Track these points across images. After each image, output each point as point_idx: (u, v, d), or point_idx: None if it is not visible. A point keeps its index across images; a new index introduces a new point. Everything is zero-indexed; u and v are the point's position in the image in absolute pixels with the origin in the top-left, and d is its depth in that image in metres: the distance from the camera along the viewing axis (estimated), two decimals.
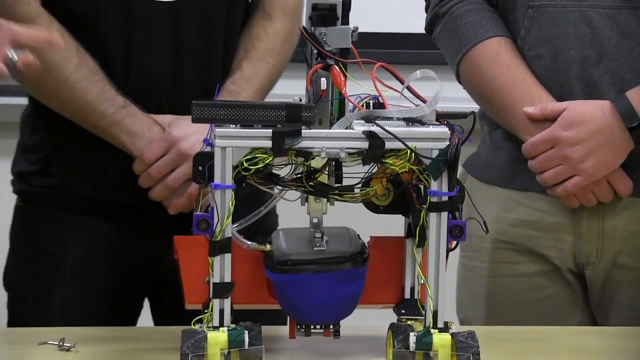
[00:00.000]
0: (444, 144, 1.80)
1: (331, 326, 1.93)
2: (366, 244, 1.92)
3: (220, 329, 1.80)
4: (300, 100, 1.87)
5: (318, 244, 1.89)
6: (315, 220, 1.90)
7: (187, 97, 1.88)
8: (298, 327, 1.94)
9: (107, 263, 2.40)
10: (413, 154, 1.80)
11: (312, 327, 1.93)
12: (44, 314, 2.33)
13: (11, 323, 2.43)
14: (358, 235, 1.95)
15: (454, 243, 1.86)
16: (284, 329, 1.99)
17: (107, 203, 2.39)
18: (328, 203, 1.88)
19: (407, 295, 1.94)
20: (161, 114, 2.33)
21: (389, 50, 1.91)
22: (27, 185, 2.46)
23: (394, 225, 1.94)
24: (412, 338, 1.81)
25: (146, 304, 2.55)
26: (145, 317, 2.54)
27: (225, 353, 1.80)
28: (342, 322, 1.94)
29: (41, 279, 2.41)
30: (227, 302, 1.82)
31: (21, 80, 2.35)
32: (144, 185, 2.31)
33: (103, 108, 2.30)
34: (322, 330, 1.94)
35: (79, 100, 2.31)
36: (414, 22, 2.57)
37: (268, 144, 1.79)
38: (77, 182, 2.40)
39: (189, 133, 2.16)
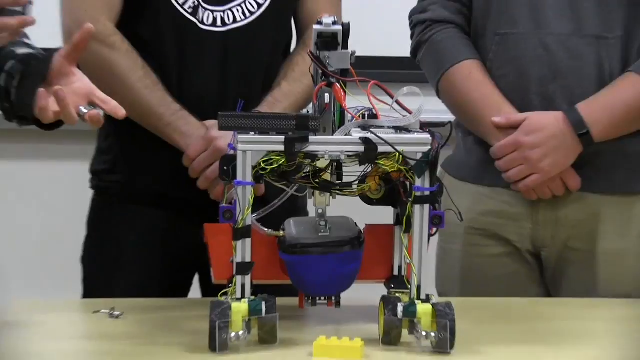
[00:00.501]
0: (426, 148, 1.80)
1: (333, 298, 1.93)
2: (362, 231, 1.91)
3: (242, 300, 1.80)
4: (308, 111, 1.87)
5: (322, 231, 1.89)
6: (320, 210, 1.90)
7: (231, 109, 1.87)
8: (306, 298, 1.94)
9: (161, 246, 2.41)
10: (401, 156, 1.80)
11: (317, 298, 1.93)
12: (109, 287, 2.32)
13: (85, 295, 2.43)
14: (355, 223, 1.94)
15: (435, 230, 1.85)
16: (295, 300, 1.97)
17: (162, 196, 2.39)
18: (331, 197, 1.88)
19: (396, 272, 1.93)
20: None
21: (381, 71, 1.91)
22: (100, 181, 2.47)
23: (385, 215, 1.93)
24: (400, 307, 1.81)
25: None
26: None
27: (246, 320, 1.79)
28: (342, 295, 1.94)
29: (108, 258, 2.42)
30: (247, 278, 1.82)
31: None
32: (192, 177, 2.30)
33: (161, 112, 2.30)
34: (325, 302, 1.93)
35: (141, 105, 2.31)
36: (402, 47, 2.57)
37: (281, 148, 1.78)
38: (139, 178, 2.41)
39: (224, 134, 2.15)
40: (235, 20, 2.36)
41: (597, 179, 2.40)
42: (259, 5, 2.38)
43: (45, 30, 2.10)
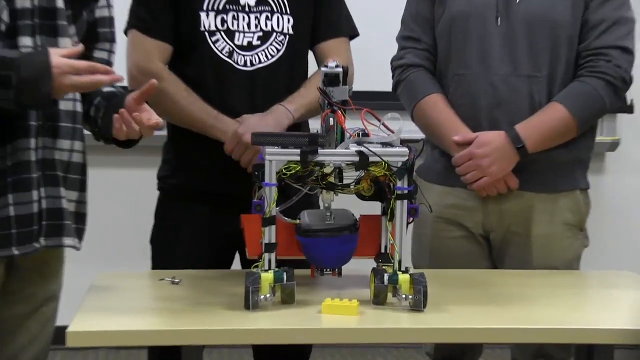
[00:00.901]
0: (405, 158, 1.80)
1: (336, 269, 1.92)
2: (357, 219, 1.90)
3: (269, 271, 1.80)
4: (317, 131, 1.87)
5: (328, 219, 1.88)
6: (326, 204, 1.89)
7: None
8: (316, 270, 1.94)
9: (208, 231, 2.38)
10: (386, 164, 1.80)
11: (324, 270, 1.92)
12: (171, 262, 2.30)
13: (153, 267, 2.41)
14: (352, 214, 1.93)
15: (411, 219, 1.85)
16: (307, 271, 1.96)
17: (208, 194, 2.36)
18: (334, 194, 1.87)
19: (383, 250, 1.91)
20: None
21: (371, 101, 1.91)
22: (164, 184, 2.44)
23: (374, 208, 1.92)
24: (386, 277, 1.80)
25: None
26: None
27: (272, 286, 1.79)
28: (343, 267, 1.93)
29: (170, 240, 2.40)
30: (273, 255, 1.82)
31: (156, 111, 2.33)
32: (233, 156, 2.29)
33: (204, 118, 2.29)
34: (330, 272, 1.92)
35: (188, 116, 2.30)
36: (386, 84, 2.56)
37: (297, 158, 1.79)
38: (191, 181, 2.38)
39: (247, 129, 2.16)
40: (260, 62, 2.34)
41: (531, 180, 2.38)
42: (278, 51, 2.35)
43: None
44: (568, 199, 2.42)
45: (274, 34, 2.35)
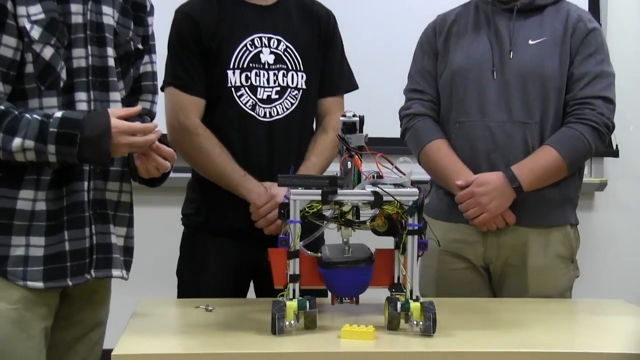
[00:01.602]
0: (415, 198, 1.81)
1: (354, 298, 1.92)
2: (373, 253, 1.90)
3: (293, 299, 1.80)
4: (336, 174, 1.88)
5: (347, 253, 1.88)
6: (345, 239, 1.89)
7: (276, 173, 1.89)
8: (336, 298, 1.93)
9: (231, 263, 2.37)
10: (399, 203, 1.80)
11: (343, 298, 1.92)
12: (195, 291, 2.31)
13: (179, 296, 2.41)
14: (368, 247, 1.93)
15: (421, 252, 1.85)
16: (327, 300, 1.97)
17: (231, 230, 2.36)
18: (352, 230, 1.87)
19: (396, 281, 1.92)
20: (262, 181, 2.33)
21: (385, 147, 1.92)
22: (189, 221, 2.45)
23: (388, 242, 1.93)
24: (399, 305, 1.81)
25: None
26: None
27: (296, 313, 1.79)
28: (360, 296, 1.93)
29: (195, 273, 2.39)
30: (297, 285, 1.82)
31: (189, 161, 2.37)
32: (255, 219, 2.30)
33: (232, 176, 2.30)
34: (349, 300, 1.92)
35: (219, 172, 2.31)
36: (397, 131, 2.56)
37: (318, 198, 1.80)
38: (215, 219, 2.38)
39: (280, 192, 2.17)
40: (278, 114, 2.36)
41: (526, 216, 2.38)
42: (292, 104, 2.37)
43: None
44: (560, 233, 2.42)
45: (289, 89, 2.37)
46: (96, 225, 1.89)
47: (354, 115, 1.86)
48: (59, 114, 1.77)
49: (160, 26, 2.15)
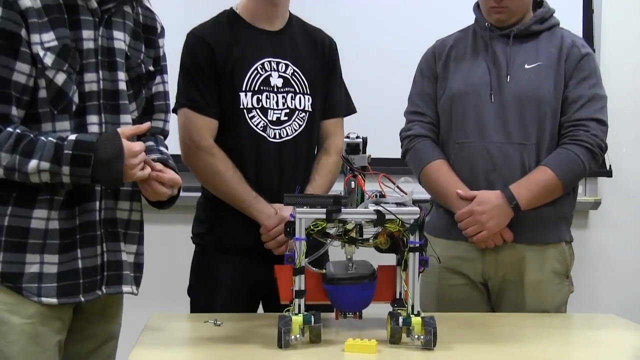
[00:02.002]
0: (416, 216, 1.79)
1: (357, 313, 1.91)
2: (376, 269, 1.89)
3: (299, 314, 1.79)
4: (340, 193, 1.86)
5: (350, 269, 1.87)
6: (349, 256, 1.87)
7: (287, 192, 1.88)
8: (340, 313, 1.92)
9: (243, 281, 2.34)
10: (401, 221, 1.79)
11: (347, 313, 1.91)
12: (207, 307, 2.29)
13: (191, 311, 2.38)
14: (371, 264, 1.91)
15: (422, 269, 1.83)
16: (332, 315, 1.96)
17: (241, 248, 2.33)
18: (355, 247, 1.86)
19: (398, 296, 1.89)
20: (271, 202, 2.30)
21: (387, 167, 1.92)
22: (200, 239, 2.42)
23: (390, 259, 1.91)
24: (400, 319, 1.79)
25: None
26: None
27: (301, 327, 1.77)
28: (363, 311, 1.92)
29: (208, 289, 2.36)
30: (302, 300, 1.80)
31: (202, 181, 2.35)
32: (265, 240, 2.28)
33: (244, 197, 2.28)
34: (352, 315, 1.91)
35: (232, 193, 2.29)
36: (399, 152, 2.55)
37: (323, 216, 1.78)
38: (227, 237, 2.35)
39: (289, 212, 2.15)
40: (287, 135, 2.34)
41: (523, 234, 2.36)
42: (300, 126, 2.36)
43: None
44: (555, 250, 2.40)
45: (297, 111, 2.36)
46: (107, 244, 1.88)
47: (358, 137, 1.85)
48: (72, 136, 1.76)
49: (170, 48, 2.14)
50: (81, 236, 1.83)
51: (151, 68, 2.00)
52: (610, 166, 3.66)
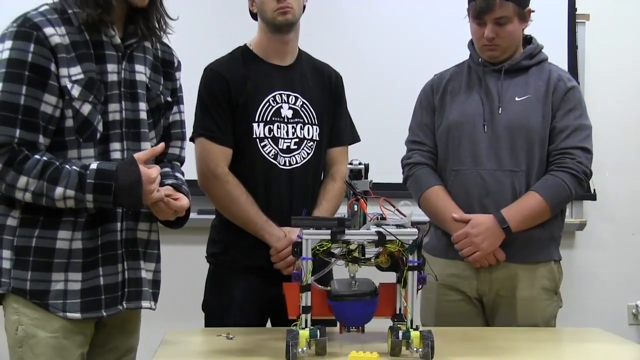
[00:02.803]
0: (415, 237, 1.76)
1: (360, 327, 1.87)
2: (377, 287, 1.85)
3: (306, 328, 1.75)
4: (344, 215, 1.83)
5: (353, 287, 1.83)
6: (352, 274, 1.83)
7: (296, 215, 1.84)
8: (344, 327, 1.88)
9: (254, 298, 2.30)
10: (400, 242, 1.76)
11: (350, 327, 1.87)
12: (220, 322, 2.24)
13: (206, 325, 2.34)
14: (373, 282, 1.87)
15: (421, 286, 1.79)
16: (336, 329, 1.92)
17: (253, 268, 2.28)
18: (358, 266, 1.82)
19: (398, 311, 1.86)
20: (281, 225, 2.27)
21: (388, 191, 1.90)
22: (214, 259, 2.38)
23: (391, 277, 1.87)
24: (400, 333, 1.76)
25: None
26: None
27: (308, 341, 1.74)
28: (366, 325, 1.88)
29: (221, 306, 2.32)
30: (309, 315, 1.77)
31: (218, 206, 2.32)
32: (274, 261, 2.25)
33: (256, 221, 2.24)
34: (355, 329, 1.87)
35: (245, 217, 2.26)
36: (400, 177, 2.53)
37: (328, 237, 1.75)
38: (239, 257, 2.31)
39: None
40: (297, 162, 2.32)
41: (515, 254, 2.32)
42: (308, 154, 2.33)
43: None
44: (545, 268, 2.36)
45: (306, 140, 2.33)
46: (128, 262, 1.85)
47: (360, 164, 1.82)
48: (94, 165, 1.74)
49: (186, 80, 2.12)
50: (103, 255, 1.80)
51: (169, 99, 1.98)
52: (594, 190, 3.65)
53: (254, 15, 2.37)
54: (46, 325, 1.74)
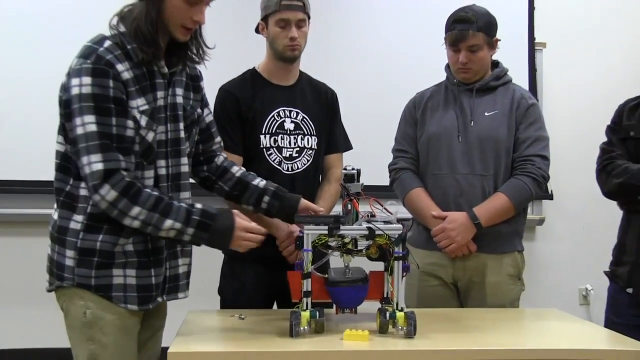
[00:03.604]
0: (400, 232, 1.76)
1: (353, 309, 1.86)
2: (368, 274, 1.84)
3: (307, 310, 1.75)
4: (339, 213, 1.82)
5: (347, 274, 1.83)
6: (346, 264, 1.83)
7: (297, 214, 1.85)
8: (339, 309, 1.86)
9: (262, 283, 2.28)
10: (387, 236, 1.75)
11: (345, 309, 1.85)
12: (235, 304, 2.23)
13: (222, 307, 2.32)
14: (364, 270, 1.87)
15: (405, 273, 1.79)
16: (332, 310, 1.91)
17: (263, 257, 2.20)
18: (351, 257, 1.81)
19: (385, 295, 1.83)
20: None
21: (377, 192, 1.87)
22: (228, 250, 2.32)
23: (379, 266, 1.84)
24: (387, 314, 1.75)
25: None
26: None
27: (308, 321, 1.74)
28: (358, 307, 1.87)
29: (235, 290, 2.30)
30: (309, 299, 1.76)
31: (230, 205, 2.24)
32: (281, 249, 2.21)
33: (263, 217, 2.14)
34: (349, 311, 1.86)
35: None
36: (387, 180, 2.52)
37: (325, 232, 1.75)
38: (251, 249, 2.27)
39: (296, 229, 2.11)
40: (298, 168, 2.30)
41: (484, 245, 2.31)
42: (308, 161, 2.31)
43: None
44: (510, 258, 2.36)
45: (306, 149, 2.32)
46: (170, 262, 1.82)
47: (353, 169, 1.83)
48: (199, 205, 1.72)
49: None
50: (153, 259, 1.77)
51: (199, 110, 1.93)
52: (551, 191, 3.64)
53: (258, 31, 2.34)
54: (110, 310, 1.72)
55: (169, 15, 1.70)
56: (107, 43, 1.67)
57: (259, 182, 2.00)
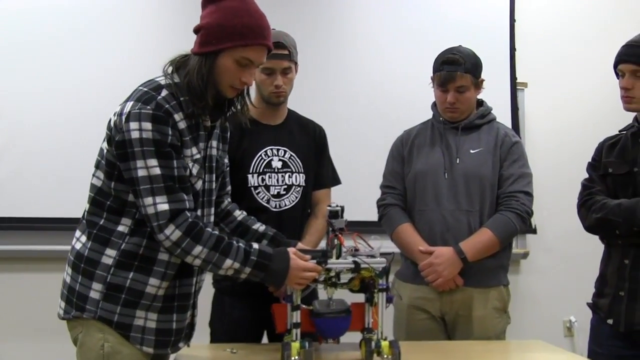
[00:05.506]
0: (383, 265, 1.76)
1: (336, 339, 1.85)
2: (350, 306, 1.83)
3: (296, 341, 1.74)
4: (325, 248, 1.80)
5: (331, 306, 1.81)
6: (330, 296, 1.82)
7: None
8: (323, 339, 1.86)
9: (251, 316, 2.19)
10: (373, 269, 1.74)
11: (328, 339, 1.85)
12: (224, 337, 2.15)
13: (211, 341, 2.24)
14: (346, 302, 1.84)
15: (388, 304, 1.78)
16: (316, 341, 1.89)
17: (250, 292, 2.12)
18: (335, 289, 1.80)
19: (366, 325, 1.81)
20: None
21: (361, 227, 1.81)
22: (218, 285, 2.29)
23: (360, 297, 1.82)
24: (373, 343, 1.75)
25: None
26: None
27: (298, 352, 1.72)
28: (341, 337, 1.84)
29: (224, 323, 2.22)
30: (299, 330, 1.75)
31: None
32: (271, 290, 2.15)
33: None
34: (332, 341, 1.85)
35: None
36: (374, 215, 2.46)
37: None
38: (238, 283, 2.06)
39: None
40: (286, 205, 2.23)
41: (471, 279, 2.27)
42: (296, 198, 2.26)
43: None
44: (496, 291, 2.31)
45: (294, 186, 2.26)
46: (193, 310, 1.82)
47: (337, 206, 1.82)
48: (256, 245, 1.73)
49: None
50: (178, 304, 1.74)
51: (226, 161, 1.93)
52: (535, 226, 3.60)
53: None
54: (127, 346, 1.68)
55: (220, 74, 1.68)
56: (165, 92, 1.66)
57: (259, 226, 2.00)
